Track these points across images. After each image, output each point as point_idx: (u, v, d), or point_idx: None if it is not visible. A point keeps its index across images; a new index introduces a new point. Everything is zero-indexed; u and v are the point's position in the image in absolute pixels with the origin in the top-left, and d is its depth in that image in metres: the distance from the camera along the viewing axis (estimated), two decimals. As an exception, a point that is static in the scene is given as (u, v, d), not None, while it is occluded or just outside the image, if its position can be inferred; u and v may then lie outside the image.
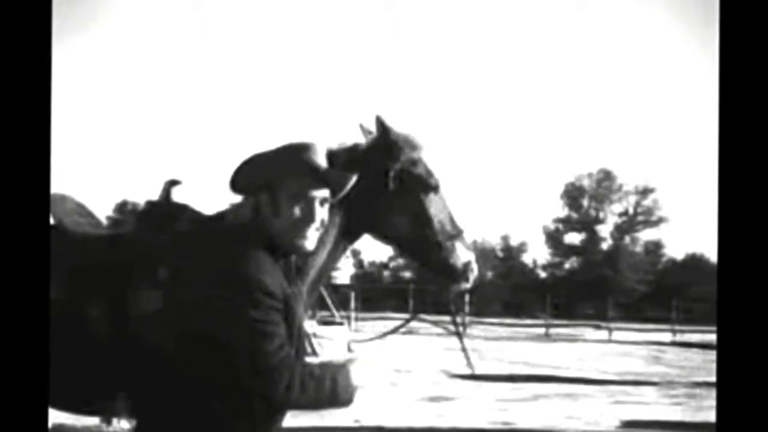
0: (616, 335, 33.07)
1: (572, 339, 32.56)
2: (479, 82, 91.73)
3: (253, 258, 2.68)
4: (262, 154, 2.84)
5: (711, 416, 12.64)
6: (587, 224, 69.02)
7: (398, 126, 4.15)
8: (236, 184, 2.87)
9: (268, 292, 2.65)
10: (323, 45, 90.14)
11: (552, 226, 70.21)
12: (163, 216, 4.07)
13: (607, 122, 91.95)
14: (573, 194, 69.34)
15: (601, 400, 13.19)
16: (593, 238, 68.93)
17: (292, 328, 2.72)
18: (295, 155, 2.79)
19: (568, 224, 69.83)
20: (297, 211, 2.75)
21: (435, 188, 4.17)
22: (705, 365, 21.11)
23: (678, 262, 67.64)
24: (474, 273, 4.24)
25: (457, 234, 4.21)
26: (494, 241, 71.33)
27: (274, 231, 2.77)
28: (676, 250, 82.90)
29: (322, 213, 2.80)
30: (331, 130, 4.30)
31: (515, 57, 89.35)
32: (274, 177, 2.78)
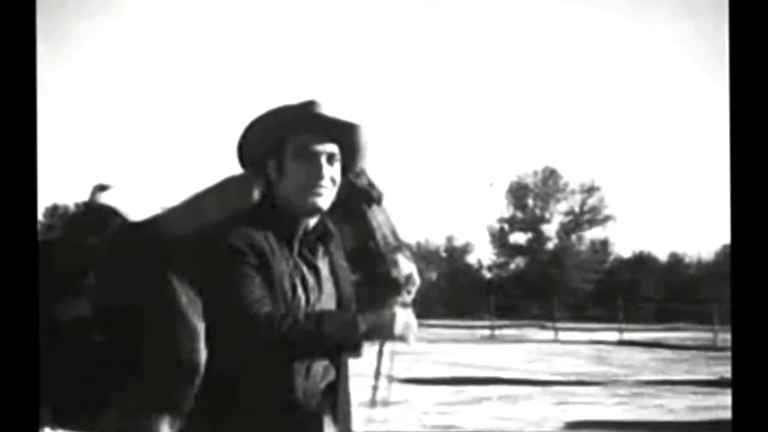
0: (562, 335, 33.30)
1: (518, 340, 32.73)
2: (421, 80, 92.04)
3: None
4: (261, 118, 2.74)
5: (656, 415, 12.73)
6: (532, 223, 69.56)
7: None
8: (243, 159, 2.82)
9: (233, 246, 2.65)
10: (315, 46, 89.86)
11: (497, 226, 70.66)
12: (94, 221, 4.03)
13: (551, 119, 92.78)
14: (518, 193, 69.82)
15: (546, 401, 13.20)
16: (539, 238, 69.50)
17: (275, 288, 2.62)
18: (294, 112, 2.70)
19: (513, 224, 70.29)
20: (302, 168, 2.65)
21: (378, 200, 4.14)
22: (651, 364, 21.33)
23: (625, 261, 68.46)
24: (416, 285, 4.22)
25: (399, 246, 4.18)
26: (438, 242, 71.62)
27: (283, 195, 2.69)
28: (622, 248, 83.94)
29: (330, 170, 2.69)
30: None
31: (455, 55, 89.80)
32: (277, 139, 2.70)
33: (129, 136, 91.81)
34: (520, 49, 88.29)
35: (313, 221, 2.75)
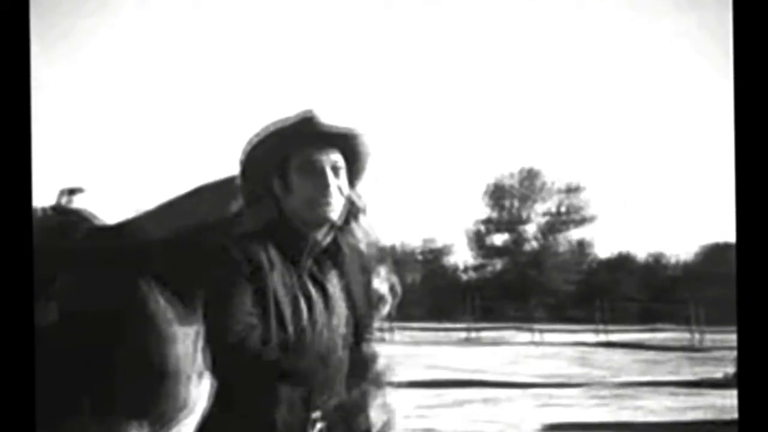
0: (542, 337, 33.41)
1: (497, 342, 32.80)
2: (398, 80, 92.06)
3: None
4: (261, 138, 2.73)
5: (636, 416, 12.80)
6: (511, 225, 69.68)
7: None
8: (248, 179, 2.80)
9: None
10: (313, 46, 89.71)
11: (474, 228, 70.74)
12: (62, 225, 4.04)
13: (529, 119, 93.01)
14: (496, 194, 69.94)
15: (524, 403, 13.27)
16: (518, 239, 69.63)
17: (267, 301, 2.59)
18: (293, 127, 2.69)
19: (491, 225, 70.41)
20: (308, 182, 2.64)
21: (363, 211, 4.16)
22: (631, 365, 21.46)
23: (604, 261, 68.68)
24: (398, 297, 4.25)
25: (382, 258, 4.20)
26: (416, 244, 71.62)
27: (292, 211, 2.67)
28: (602, 249, 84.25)
29: (337, 181, 2.68)
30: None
31: (433, 53, 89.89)
32: (280, 156, 2.69)
33: (126, 136, 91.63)
34: (507, 45, 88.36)
35: (323, 236, 2.72)
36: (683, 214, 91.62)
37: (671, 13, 72.36)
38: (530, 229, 70.03)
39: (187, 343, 4.09)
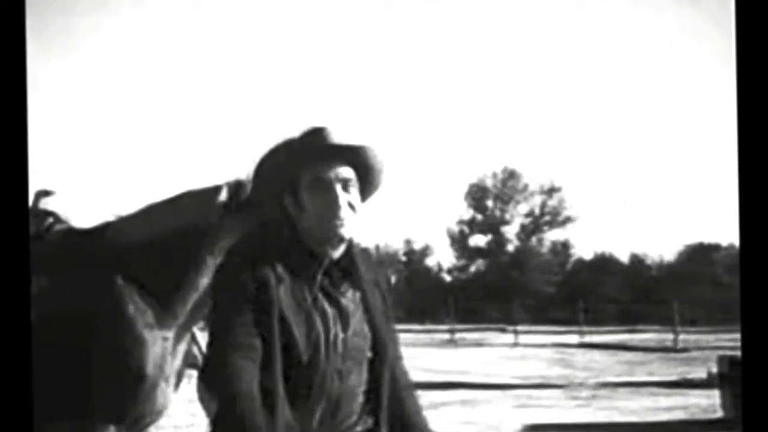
0: (523, 338, 33.45)
1: (478, 343, 32.83)
2: (379, 81, 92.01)
3: None
4: (270, 156, 2.72)
5: (614, 416, 12.83)
6: (493, 226, 69.75)
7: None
8: (260, 196, 2.80)
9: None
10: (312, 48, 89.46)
11: (456, 229, 70.82)
12: (36, 227, 4.03)
13: (510, 120, 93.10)
14: (477, 195, 70.00)
15: (506, 404, 13.34)
16: (499, 240, 69.71)
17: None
18: (302, 144, 2.68)
19: (472, 226, 70.48)
20: (318, 199, 2.61)
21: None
22: (612, 366, 21.56)
23: (586, 262, 68.84)
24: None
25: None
26: (397, 245, 71.66)
27: (305, 229, 2.64)
28: (584, 249, 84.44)
29: (347, 197, 2.64)
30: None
31: (413, 52, 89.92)
32: (289, 174, 2.67)
33: (123, 136, 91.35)
34: (491, 44, 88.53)
35: (337, 253, 2.68)
36: (667, 214, 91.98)
37: (671, 7, 71.95)
38: (512, 229, 70.14)
39: (165, 346, 4.13)
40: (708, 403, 12.84)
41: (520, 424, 11.19)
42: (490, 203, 70.01)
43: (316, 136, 2.65)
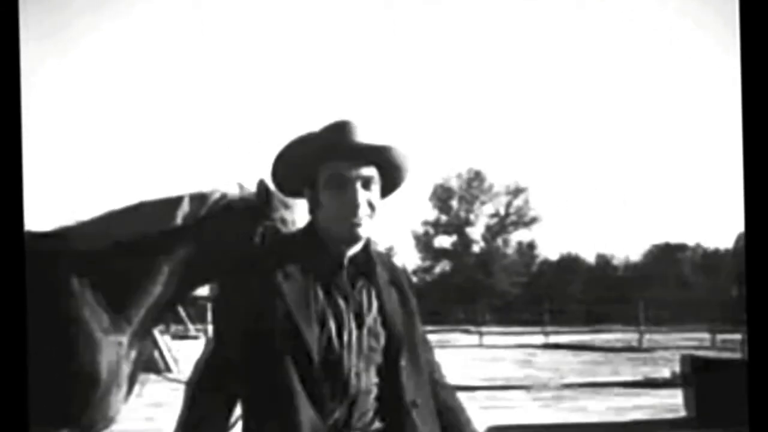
0: (487, 339, 33.59)
1: (442, 345, 32.91)
2: (349, 79, 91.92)
3: None
4: (289, 149, 2.69)
5: (577, 417, 12.93)
6: (458, 226, 69.88)
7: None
8: (282, 187, 2.77)
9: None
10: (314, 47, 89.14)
11: (421, 230, 70.90)
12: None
13: (475, 121, 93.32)
14: (442, 196, 70.08)
15: (469, 406, 13.34)
16: (464, 241, 69.84)
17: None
18: (322, 140, 2.65)
19: (437, 227, 70.57)
20: (336, 197, 2.58)
21: None
22: (576, 367, 21.70)
23: (552, 263, 69.18)
24: None
25: None
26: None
27: (322, 226, 2.62)
28: (549, 250, 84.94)
29: (367, 195, 2.61)
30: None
31: (382, 50, 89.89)
32: (309, 170, 2.64)
33: (122, 136, 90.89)
34: (467, 44, 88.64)
35: (353, 251, 2.65)
36: (633, 214, 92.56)
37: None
38: (477, 230, 70.30)
39: (119, 351, 4.14)
40: (672, 403, 12.97)
41: (485, 425, 11.24)
42: (455, 204, 70.13)
43: (338, 132, 2.61)
